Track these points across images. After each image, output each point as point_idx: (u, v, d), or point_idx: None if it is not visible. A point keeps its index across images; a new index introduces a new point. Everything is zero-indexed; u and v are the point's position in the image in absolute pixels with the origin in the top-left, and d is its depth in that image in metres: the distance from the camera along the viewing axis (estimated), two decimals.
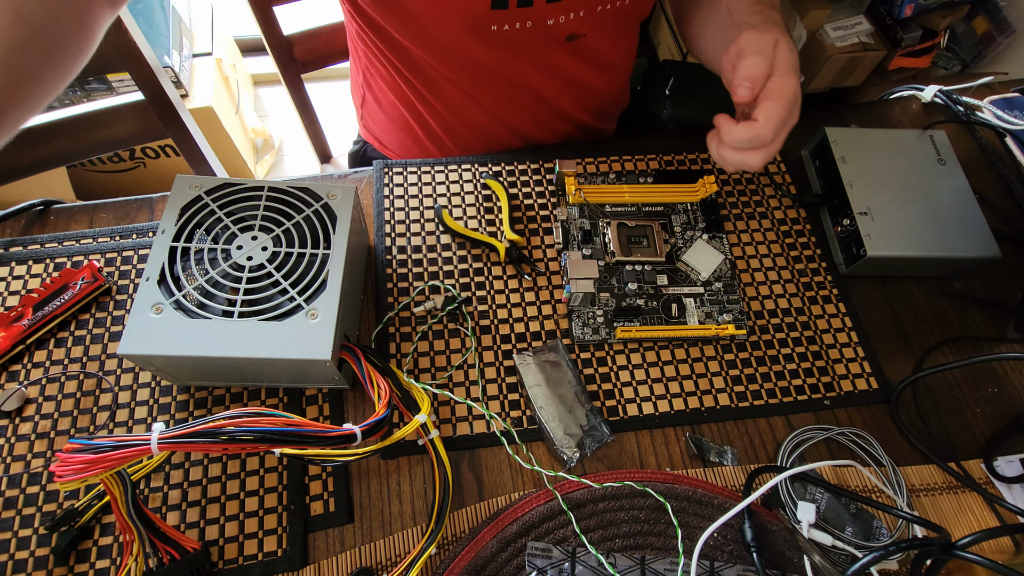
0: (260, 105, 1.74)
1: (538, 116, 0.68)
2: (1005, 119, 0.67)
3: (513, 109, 0.66)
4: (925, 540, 0.44)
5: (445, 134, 0.70)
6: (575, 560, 0.43)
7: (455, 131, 0.69)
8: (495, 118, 0.67)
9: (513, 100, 0.65)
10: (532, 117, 0.68)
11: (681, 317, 0.54)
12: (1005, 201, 0.64)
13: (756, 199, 0.62)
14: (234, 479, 0.46)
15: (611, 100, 0.73)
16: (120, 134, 0.76)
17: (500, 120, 0.67)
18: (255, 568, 0.43)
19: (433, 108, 0.66)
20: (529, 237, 0.58)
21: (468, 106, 0.65)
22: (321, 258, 0.45)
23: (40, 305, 0.51)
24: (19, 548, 0.43)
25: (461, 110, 0.66)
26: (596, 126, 0.74)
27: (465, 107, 0.65)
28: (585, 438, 0.48)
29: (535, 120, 0.68)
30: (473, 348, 0.52)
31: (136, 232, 0.56)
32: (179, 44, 1.25)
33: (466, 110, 0.66)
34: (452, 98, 0.65)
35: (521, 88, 0.63)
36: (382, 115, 0.74)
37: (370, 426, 0.41)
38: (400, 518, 0.46)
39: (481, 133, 0.69)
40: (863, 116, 0.69)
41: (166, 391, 0.49)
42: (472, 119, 0.67)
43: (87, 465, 0.35)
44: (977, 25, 1.43)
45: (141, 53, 0.67)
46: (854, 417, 0.52)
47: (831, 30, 1.41)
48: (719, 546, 0.44)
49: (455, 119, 0.67)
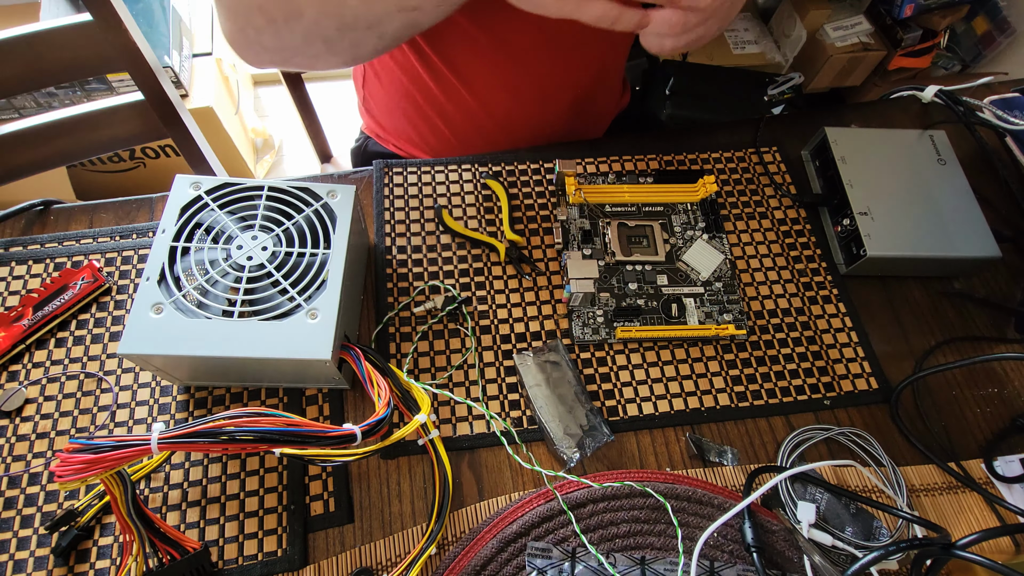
0: (260, 105, 1.74)
1: (542, 72, 0.65)
2: (1005, 119, 0.67)
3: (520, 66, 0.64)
4: (925, 540, 0.44)
5: (445, 96, 0.67)
6: (575, 560, 0.43)
7: (455, 92, 0.67)
8: (500, 73, 0.65)
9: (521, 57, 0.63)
10: (537, 73, 0.65)
11: (681, 317, 0.54)
12: (1005, 201, 0.64)
13: (756, 199, 0.62)
14: (234, 479, 0.46)
15: (618, 60, 0.70)
16: (120, 134, 0.76)
17: (511, 91, 0.65)
18: (255, 568, 0.43)
19: (434, 67, 0.65)
20: (529, 237, 0.58)
21: (472, 62, 0.63)
22: (321, 258, 0.45)
23: (40, 305, 0.51)
24: (19, 548, 0.43)
25: (463, 68, 0.64)
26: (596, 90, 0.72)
27: (469, 63, 0.64)
28: (585, 438, 0.48)
29: (541, 79, 0.66)
30: (473, 348, 0.52)
31: (136, 232, 0.56)
32: (179, 44, 1.25)
33: (469, 67, 0.64)
34: (453, 54, 0.63)
35: (529, 46, 0.61)
36: (382, 91, 0.73)
37: (370, 426, 0.41)
38: (400, 518, 0.46)
39: (484, 94, 0.66)
40: (863, 116, 0.69)
41: (166, 391, 0.49)
42: (476, 73, 0.65)
43: (87, 465, 0.35)
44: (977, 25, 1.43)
45: (141, 53, 0.67)
46: (854, 417, 0.52)
47: (831, 30, 1.42)
48: (719, 546, 0.44)
49: (457, 77, 0.65)
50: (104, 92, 1.20)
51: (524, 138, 0.71)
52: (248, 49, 0.51)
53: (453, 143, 0.72)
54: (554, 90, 0.68)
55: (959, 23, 1.45)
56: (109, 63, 0.67)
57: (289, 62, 0.53)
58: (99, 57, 0.67)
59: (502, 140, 0.71)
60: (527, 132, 0.71)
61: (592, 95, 0.72)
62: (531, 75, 0.65)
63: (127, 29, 0.64)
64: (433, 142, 0.74)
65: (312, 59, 0.51)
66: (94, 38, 0.64)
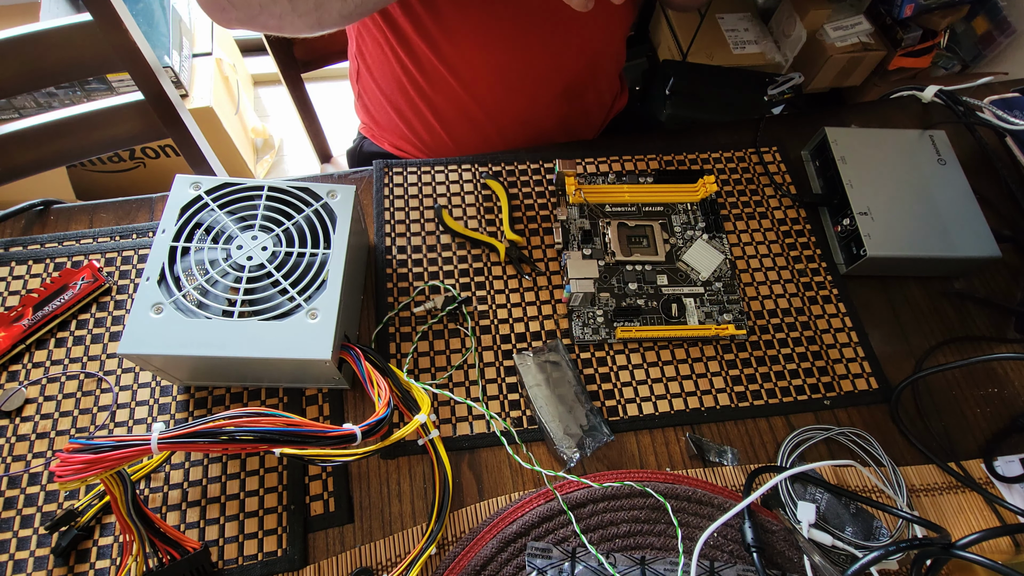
0: (260, 105, 1.74)
1: (532, 60, 0.65)
2: (1005, 119, 0.67)
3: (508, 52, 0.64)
4: (925, 540, 0.44)
5: (433, 88, 0.67)
6: (575, 560, 0.43)
7: (443, 80, 0.67)
8: (492, 69, 0.65)
9: (508, 43, 0.63)
10: (527, 63, 0.65)
11: (681, 317, 0.54)
12: (1005, 201, 0.64)
13: (756, 199, 0.62)
14: (234, 479, 0.46)
15: (607, 47, 0.71)
16: (120, 134, 0.76)
17: (498, 76, 0.65)
18: (255, 568, 0.43)
19: (420, 55, 0.64)
20: (529, 237, 0.58)
21: (457, 48, 0.63)
22: (321, 258, 0.45)
23: (40, 305, 0.51)
24: (19, 548, 0.43)
25: (449, 54, 0.64)
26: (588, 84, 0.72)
27: (454, 49, 0.63)
28: (585, 438, 0.48)
29: (533, 75, 0.66)
30: (473, 348, 0.52)
31: (136, 232, 0.56)
32: (179, 44, 1.25)
33: (455, 53, 0.64)
34: (441, 45, 0.63)
35: (516, 29, 0.61)
36: (374, 85, 0.73)
37: (370, 426, 0.41)
38: (400, 518, 0.46)
39: (471, 81, 0.66)
40: (863, 116, 0.69)
41: (166, 391, 0.49)
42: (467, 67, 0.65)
43: (87, 465, 0.35)
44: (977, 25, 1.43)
45: (141, 53, 0.67)
46: (854, 417, 0.52)
47: (831, 30, 1.41)
48: (719, 546, 0.44)
49: (444, 64, 0.65)
50: (104, 92, 1.20)
51: (515, 131, 0.71)
52: (215, 6, 0.50)
53: (444, 138, 0.72)
54: (543, 77, 0.67)
55: (959, 23, 1.44)
56: (109, 63, 0.67)
57: (255, 20, 0.51)
58: (99, 57, 0.66)
59: (493, 133, 0.71)
60: (518, 125, 0.71)
61: (583, 85, 0.71)
62: (519, 60, 0.64)
63: (127, 29, 0.64)
64: (426, 137, 0.73)
65: (278, 20, 0.50)
66: (94, 38, 0.64)
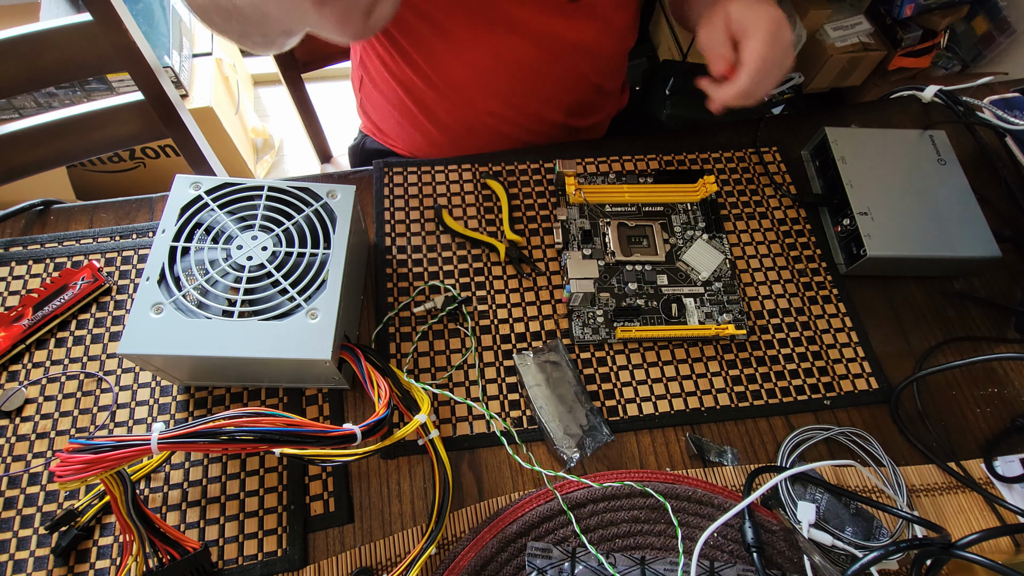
0: (260, 105, 1.74)
1: (536, 85, 0.66)
2: (1005, 119, 0.67)
3: (512, 76, 0.64)
4: (925, 540, 0.44)
5: (436, 104, 0.68)
6: (575, 560, 0.43)
7: (446, 100, 0.67)
8: (490, 83, 0.65)
9: (513, 67, 0.63)
10: (531, 87, 0.66)
11: (681, 317, 0.54)
12: (1005, 201, 0.64)
13: (756, 199, 0.62)
14: (234, 479, 0.46)
15: (611, 68, 0.71)
16: (120, 134, 0.76)
17: (498, 89, 0.66)
18: (255, 568, 0.43)
19: (427, 78, 0.65)
20: (529, 237, 0.58)
21: (462, 71, 0.64)
22: (321, 258, 0.45)
23: (40, 305, 0.51)
24: (19, 548, 0.43)
25: (452, 76, 0.64)
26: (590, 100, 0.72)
27: (457, 72, 0.64)
28: (585, 438, 0.48)
29: (533, 91, 0.67)
30: (473, 348, 0.52)
31: (136, 232, 0.56)
32: (179, 44, 1.25)
33: (458, 75, 0.64)
34: (445, 65, 0.63)
35: (521, 56, 0.62)
36: (378, 95, 0.74)
37: (370, 426, 0.41)
38: (400, 518, 0.46)
39: (474, 98, 0.67)
40: (863, 116, 0.69)
41: (166, 391, 0.49)
42: (464, 85, 0.65)
43: (87, 465, 0.35)
44: (977, 25, 1.43)
45: (141, 53, 0.67)
46: (854, 417, 0.52)
47: (831, 30, 1.41)
48: (719, 546, 0.44)
49: (448, 86, 0.65)
50: (104, 92, 1.20)
51: (519, 141, 0.71)
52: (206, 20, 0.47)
53: (448, 149, 0.73)
54: (548, 99, 0.67)
55: (959, 23, 1.44)
56: (109, 63, 0.67)
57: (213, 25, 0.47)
58: (99, 57, 0.66)
59: (496, 143, 0.71)
60: (522, 133, 0.71)
61: (590, 106, 0.73)
62: (523, 83, 0.65)
63: (127, 29, 0.64)
64: (429, 150, 0.74)
65: (227, 34, 0.46)
66: (94, 38, 0.64)
